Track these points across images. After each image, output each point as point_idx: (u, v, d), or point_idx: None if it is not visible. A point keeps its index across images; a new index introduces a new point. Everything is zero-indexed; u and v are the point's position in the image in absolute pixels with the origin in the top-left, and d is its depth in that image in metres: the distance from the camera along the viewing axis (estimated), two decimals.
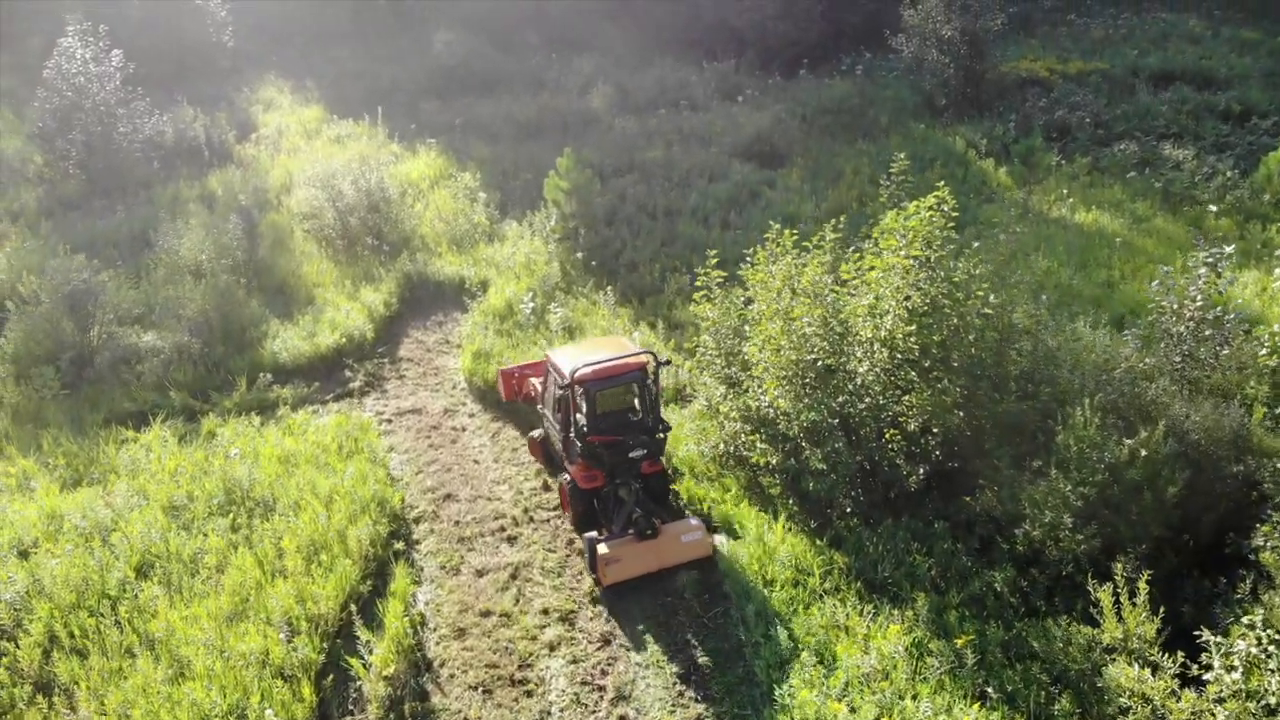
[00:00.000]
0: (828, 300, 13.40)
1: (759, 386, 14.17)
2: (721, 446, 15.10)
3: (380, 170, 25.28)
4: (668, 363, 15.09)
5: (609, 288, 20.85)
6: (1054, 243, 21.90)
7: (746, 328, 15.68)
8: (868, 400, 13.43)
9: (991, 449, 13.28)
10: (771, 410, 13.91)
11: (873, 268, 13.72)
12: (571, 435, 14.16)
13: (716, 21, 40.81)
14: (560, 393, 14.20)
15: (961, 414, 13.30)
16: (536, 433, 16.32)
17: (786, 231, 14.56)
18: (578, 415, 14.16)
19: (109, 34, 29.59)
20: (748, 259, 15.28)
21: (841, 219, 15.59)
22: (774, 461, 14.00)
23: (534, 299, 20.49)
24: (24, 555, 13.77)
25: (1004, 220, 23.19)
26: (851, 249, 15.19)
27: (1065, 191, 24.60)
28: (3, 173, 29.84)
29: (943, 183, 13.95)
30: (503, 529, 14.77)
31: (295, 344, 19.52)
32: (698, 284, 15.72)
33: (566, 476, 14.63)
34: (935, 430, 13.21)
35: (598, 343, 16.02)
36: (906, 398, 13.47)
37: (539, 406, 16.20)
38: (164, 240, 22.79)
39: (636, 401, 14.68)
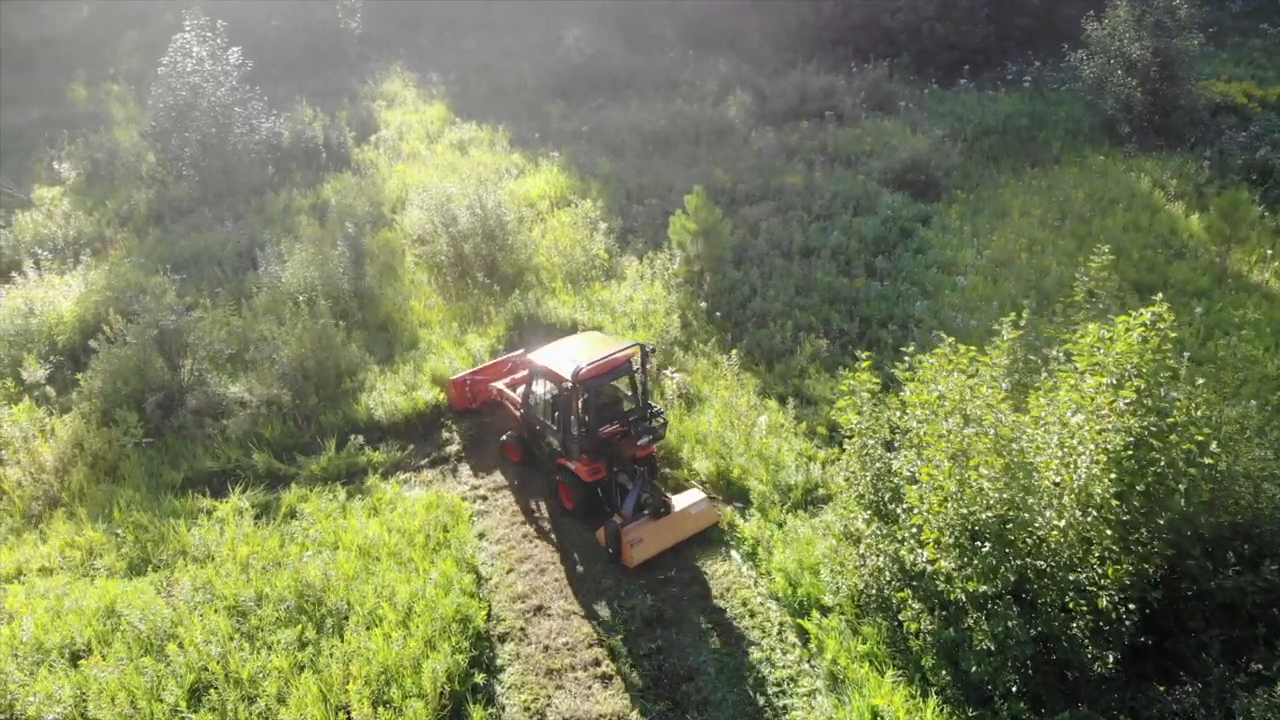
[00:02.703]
0: (1012, 448, 10.85)
1: (914, 535, 11.72)
2: (861, 584, 12.75)
3: (498, 192, 23.49)
4: (654, 351, 15.60)
5: (734, 350, 18.55)
6: (1257, 318, 18.62)
7: (898, 438, 13.25)
8: (1049, 561, 10.94)
9: (1198, 629, 10.76)
10: (929, 566, 11.47)
11: (1064, 384, 11.17)
12: (575, 433, 14.73)
13: (866, 20, 37.63)
14: (557, 394, 15.04)
15: (1162, 587, 10.74)
16: (510, 435, 16.85)
17: (963, 348, 11.98)
18: (582, 413, 14.70)
19: (236, 21, 28.71)
20: (905, 357, 12.89)
21: (1022, 316, 12.87)
22: (928, 627, 11.58)
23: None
24: (75, 659, 12.53)
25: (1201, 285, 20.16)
26: (1041, 370, 12.61)
27: (1269, 251, 21.11)
28: (117, 169, 29.26)
29: (1164, 303, 11.12)
30: (597, 661, 12.81)
31: (392, 399, 17.93)
32: (842, 386, 13.33)
33: (567, 473, 15.21)
34: (1131, 606, 10.62)
35: (580, 340, 16.22)
36: (1094, 559, 10.92)
37: (516, 410, 16.69)
38: (268, 264, 21.55)
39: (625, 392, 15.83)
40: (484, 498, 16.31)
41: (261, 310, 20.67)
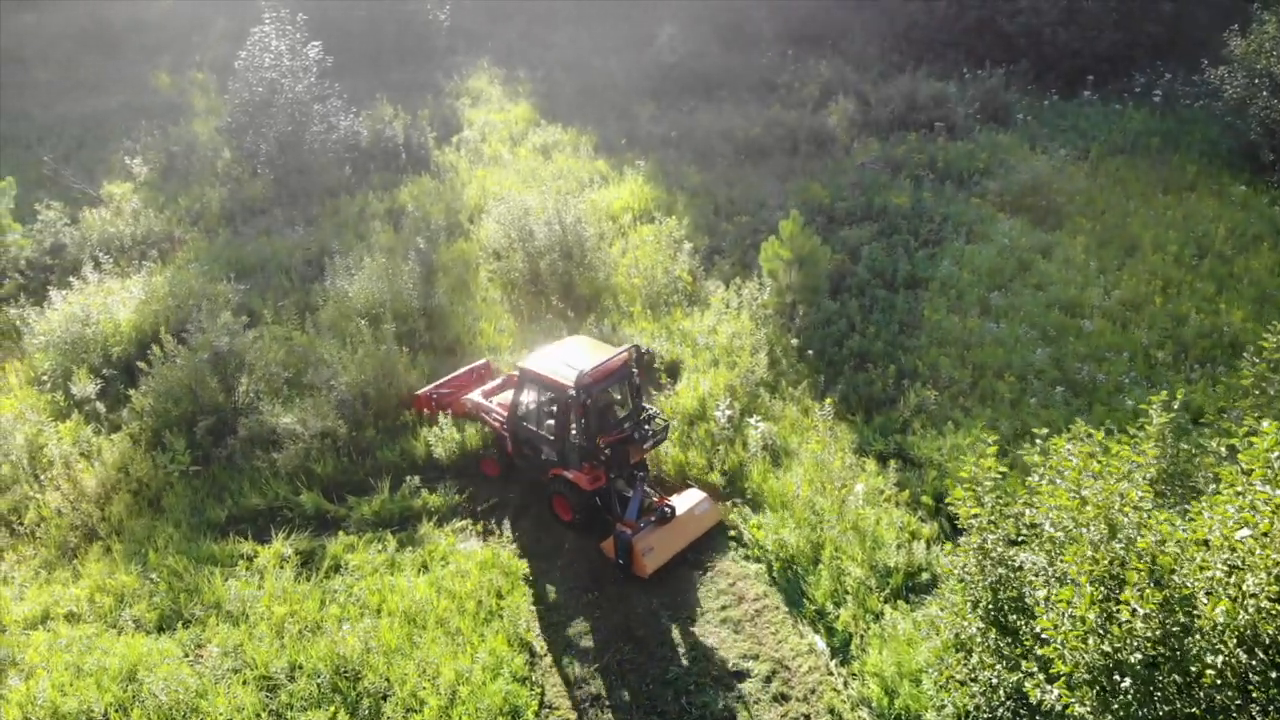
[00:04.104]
0: (1174, 579, 8.92)
1: (1042, 666, 9.85)
2: (971, 704, 10.91)
3: (578, 205, 22.02)
4: (649, 352, 14.95)
5: (828, 399, 16.62)
6: None
7: (1024, 532, 11.33)
8: (1201, 706, 9.01)
9: None
10: (1058, 705, 9.59)
11: (1228, 492, 9.18)
12: (576, 441, 14.29)
13: (981, 22, 35.13)
14: (555, 401, 14.53)
15: None
16: (488, 450, 16.28)
17: (1114, 446, 10.00)
18: (582, 420, 14.20)
19: (321, 11, 27.72)
20: (1036, 439, 11.00)
21: (1178, 396, 10.85)
22: None
23: (731, 403, 16.67)
24: None
25: None
26: (1193, 459, 10.61)
27: None
28: (193, 163, 28.52)
29: None
30: None
31: (452, 434, 16.57)
32: (961, 472, 11.43)
33: (563, 484, 14.62)
34: None
35: (570, 346, 15.41)
36: (1255, 709, 8.95)
37: (496, 422, 15.93)
38: (335, 277, 20.45)
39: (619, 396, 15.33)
40: (544, 556, 14.83)
41: (325, 326, 19.53)
